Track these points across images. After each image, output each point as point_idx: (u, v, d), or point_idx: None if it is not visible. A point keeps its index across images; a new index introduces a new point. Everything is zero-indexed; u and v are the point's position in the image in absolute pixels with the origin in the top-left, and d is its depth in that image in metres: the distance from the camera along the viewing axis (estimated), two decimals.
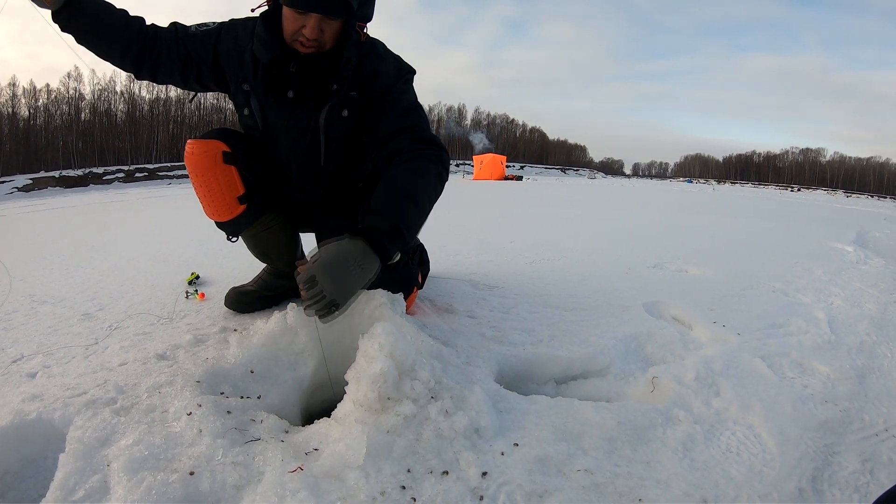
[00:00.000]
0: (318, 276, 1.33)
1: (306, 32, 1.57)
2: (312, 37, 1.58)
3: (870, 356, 1.91)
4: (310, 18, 1.55)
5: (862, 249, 4.58)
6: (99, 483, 1.03)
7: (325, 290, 1.32)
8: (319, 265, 1.34)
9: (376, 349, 1.22)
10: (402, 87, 1.76)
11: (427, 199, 1.58)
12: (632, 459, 1.19)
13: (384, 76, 1.73)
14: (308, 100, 1.73)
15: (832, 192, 63.83)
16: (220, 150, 1.73)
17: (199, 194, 1.79)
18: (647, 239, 4.65)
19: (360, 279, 1.37)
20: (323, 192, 1.92)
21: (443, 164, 1.67)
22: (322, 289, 1.32)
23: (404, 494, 1.01)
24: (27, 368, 1.59)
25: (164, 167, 50.16)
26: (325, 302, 1.33)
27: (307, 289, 1.34)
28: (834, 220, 8.45)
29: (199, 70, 1.79)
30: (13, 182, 39.88)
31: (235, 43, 1.76)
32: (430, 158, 1.63)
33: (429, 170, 1.61)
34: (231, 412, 1.26)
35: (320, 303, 1.33)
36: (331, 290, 1.32)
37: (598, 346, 1.78)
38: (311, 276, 1.34)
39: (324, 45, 1.62)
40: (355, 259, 1.37)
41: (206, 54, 1.77)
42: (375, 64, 1.73)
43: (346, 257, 1.36)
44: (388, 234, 1.43)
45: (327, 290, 1.32)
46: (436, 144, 1.69)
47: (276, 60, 1.68)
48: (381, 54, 1.77)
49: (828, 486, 1.16)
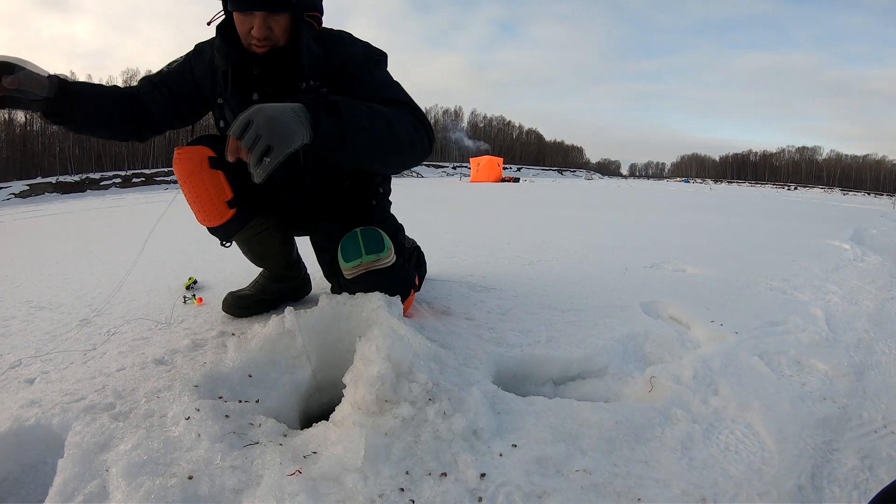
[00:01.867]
0: (253, 117, 1.22)
1: (255, 31, 1.57)
2: (261, 35, 1.58)
3: (868, 353, 1.91)
4: (254, 17, 1.56)
5: (859, 247, 4.59)
6: (98, 488, 1.03)
7: (260, 131, 1.21)
8: (254, 108, 1.24)
9: (374, 352, 1.22)
10: (373, 67, 1.73)
11: (386, 122, 1.45)
12: (630, 459, 1.19)
13: (353, 62, 1.71)
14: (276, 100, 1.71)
15: (829, 191, 63.98)
16: (205, 155, 1.74)
17: (189, 201, 1.80)
18: (645, 239, 4.65)
19: (296, 128, 1.26)
20: (309, 193, 1.92)
21: (424, 126, 1.58)
22: (257, 131, 1.21)
23: (403, 496, 1.01)
24: (25, 374, 1.58)
25: (161, 172, 50.09)
26: (261, 145, 1.22)
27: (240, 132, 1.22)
28: (831, 218, 8.47)
29: (187, 98, 1.83)
30: (10, 188, 39.80)
31: (205, 63, 1.79)
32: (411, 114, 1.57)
33: (404, 117, 1.53)
34: (229, 416, 1.26)
35: (256, 146, 1.22)
36: (267, 130, 1.21)
37: (595, 346, 1.78)
38: (245, 120, 1.23)
39: (277, 41, 1.62)
40: (292, 108, 1.28)
41: (186, 81, 1.81)
42: (342, 53, 1.72)
43: (283, 106, 1.28)
44: (325, 105, 1.34)
45: (263, 131, 1.21)
46: (421, 113, 1.62)
47: (238, 66, 1.69)
48: (349, 42, 1.76)
49: (827, 484, 1.16)
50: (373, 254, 1.70)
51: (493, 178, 26.66)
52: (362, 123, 1.39)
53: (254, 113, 1.23)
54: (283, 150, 1.24)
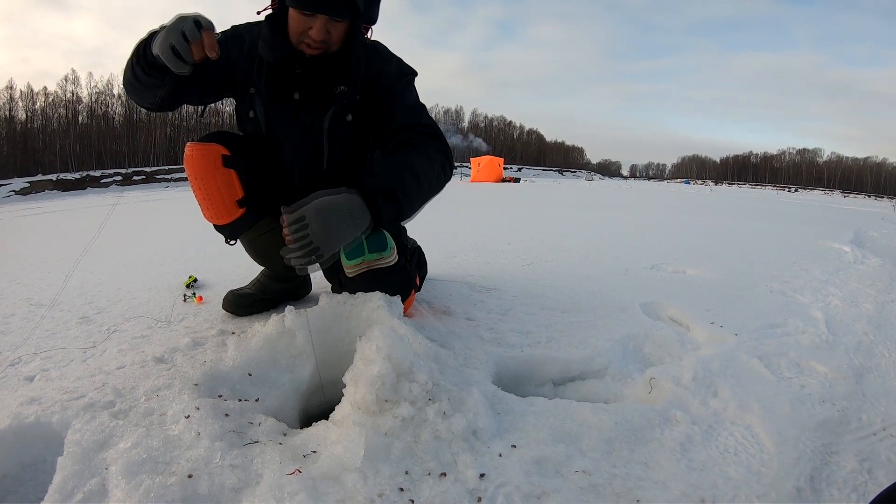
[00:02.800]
0: (308, 218, 1.26)
1: (312, 34, 1.56)
2: (319, 38, 1.56)
3: (867, 356, 1.91)
4: (316, 20, 1.54)
5: (859, 249, 4.59)
6: (97, 486, 1.03)
7: (312, 235, 1.25)
8: (312, 207, 1.28)
9: (374, 352, 1.22)
10: (405, 87, 1.76)
11: (428, 181, 1.55)
12: (630, 460, 1.19)
13: (387, 76, 1.73)
14: (312, 103, 1.72)
15: (829, 193, 63.98)
16: (219, 153, 1.74)
17: (198, 197, 1.79)
18: (645, 240, 4.65)
19: (350, 232, 1.31)
20: None
21: (448, 160, 1.68)
22: (309, 232, 1.25)
23: (402, 496, 1.01)
24: (25, 372, 1.58)
25: (161, 170, 50.04)
26: (310, 248, 1.26)
27: (294, 230, 1.26)
28: (831, 221, 8.47)
29: (215, 81, 1.77)
30: (10, 185, 39.77)
31: (241, 47, 1.76)
32: (440, 150, 1.64)
33: (435, 158, 1.61)
34: (229, 415, 1.26)
35: (305, 248, 1.26)
36: (319, 235, 1.25)
37: (595, 347, 1.78)
38: (300, 217, 1.26)
39: (330, 46, 1.61)
40: (349, 209, 1.32)
41: (219, 64, 1.75)
42: (378, 65, 1.73)
43: (339, 206, 1.31)
44: (384, 194, 1.39)
45: (315, 235, 1.25)
46: (443, 140, 1.70)
47: (282, 62, 1.67)
48: (384, 55, 1.78)
49: (826, 486, 1.16)
50: (375, 252, 1.70)
51: (493, 178, 26.65)
52: (414, 196, 1.51)
53: (310, 213, 1.27)
54: (330, 255, 1.31)
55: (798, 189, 73.07)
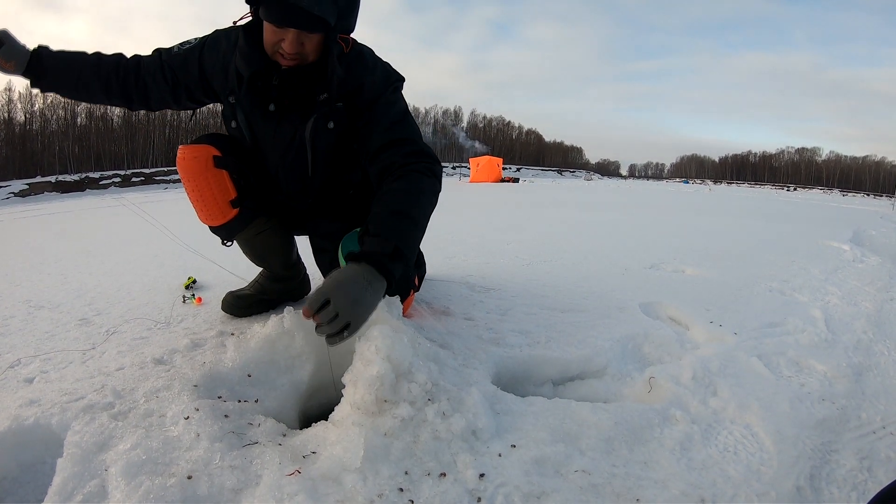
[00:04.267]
0: (331, 296, 1.25)
1: (285, 46, 1.54)
2: (292, 51, 1.55)
3: (867, 354, 1.91)
4: (288, 33, 1.52)
5: (858, 248, 4.59)
6: (97, 488, 1.03)
7: (339, 310, 1.24)
8: (332, 285, 1.27)
9: (373, 352, 1.22)
10: (391, 98, 1.73)
11: (423, 216, 1.57)
12: (629, 460, 1.19)
13: (371, 87, 1.70)
14: (292, 112, 1.71)
15: (828, 192, 64.00)
16: (210, 154, 1.74)
17: (191, 199, 1.79)
18: (644, 239, 4.65)
19: (373, 300, 1.32)
20: (313, 201, 1.91)
21: (436, 176, 1.65)
22: (336, 309, 1.24)
23: (402, 497, 1.02)
24: (24, 373, 1.58)
25: (160, 171, 49.99)
26: (339, 323, 1.25)
27: (323, 314, 1.25)
28: (830, 219, 8.47)
29: (188, 87, 1.78)
30: (9, 187, 39.71)
31: (219, 55, 1.74)
32: (424, 172, 1.61)
33: (423, 184, 1.59)
34: (228, 416, 1.26)
35: (334, 324, 1.24)
36: (346, 310, 1.25)
37: (594, 347, 1.78)
38: (323, 298, 1.25)
39: (306, 57, 1.59)
40: (365, 278, 1.32)
41: (192, 70, 1.76)
42: (362, 75, 1.70)
43: (355, 278, 1.31)
44: (390, 256, 1.39)
45: (342, 310, 1.24)
46: (428, 156, 1.66)
47: (258, 73, 1.66)
48: (368, 64, 1.74)
49: (825, 485, 1.16)
50: None
51: (492, 178, 26.65)
52: (417, 240, 1.54)
53: (332, 292, 1.26)
54: (361, 324, 1.30)
55: (797, 188, 73.10)
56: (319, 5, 1.44)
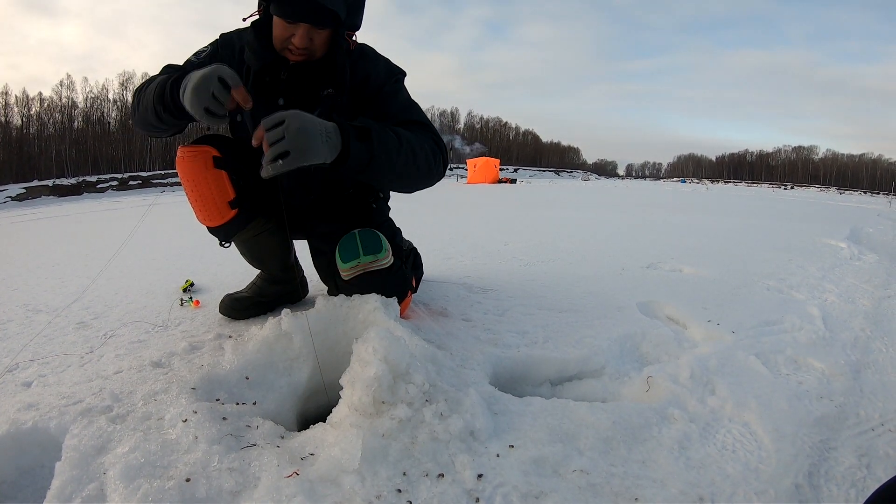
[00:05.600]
0: (287, 118, 1.27)
1: (295, 41, 1.58)
2: (301, 45, 1.58)
3: (864, 351, 1.92)
4: (298, 28, 1.55)
5: (855, 245, 4.60)
6: (95, 491, 1.02)
7: (287, 134, 1.26)
8: (293, 112, 1.29)
9: (370, 353, 1.22)
10: (395, 87, 1.78)
11: (410, 149, 1.54)
12: (628, 459, 1.19)
13: (375, 78, 1.75)
14: (298, 106, 1.72)
15: (825, 190, 64.08)
16: (210, 154, 1.74)
17: (190, 199, 1.79)
18: (641, 239, 4.66)
19: (321, 146, 1.31)
20: (313, 198, 1.92)
21: (441, 150, 1.68)
22: (284, 132, 1.26)
23: (400, 498, 1.01)
24: (22, 378, 1.58)
25: (157, 175, 50.00)
26: (280, 147, 1.26)
27: (270, 127, 1.27)
28: (827, 217, 8.49)
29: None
30: (6, 191, 39.68)
31: (231, 53, 1.78)
32: (431, 139, 1.64)
33: (426, 142, 1.61)
34: (227, 418, 1.26)
35: (276, 146, 1.26)
36: (293, 136, 1.26)
37: (592, 346, 1.78)
38: (279, 119, 1.27)
39: (314, 53, 1.63)
40: (325, 127, 1.33)
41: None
42: (366, 68, 1.74)
43: (318, 122, 1.32)
44: (358, 131, 1.39)
45: (289, 136, 1.26)
46: (438, 136, 1.71)
47: (267, 68, 1.69)
48: (371, 58, 1.79)
49: (824, 482, 1.17)
50: (370, 254, 1.70)
51: (489, 179, 26.66)
52: (389, 150, 1.48)
53: (290, 116, 1.28)
54: (297, 160, 1.28)
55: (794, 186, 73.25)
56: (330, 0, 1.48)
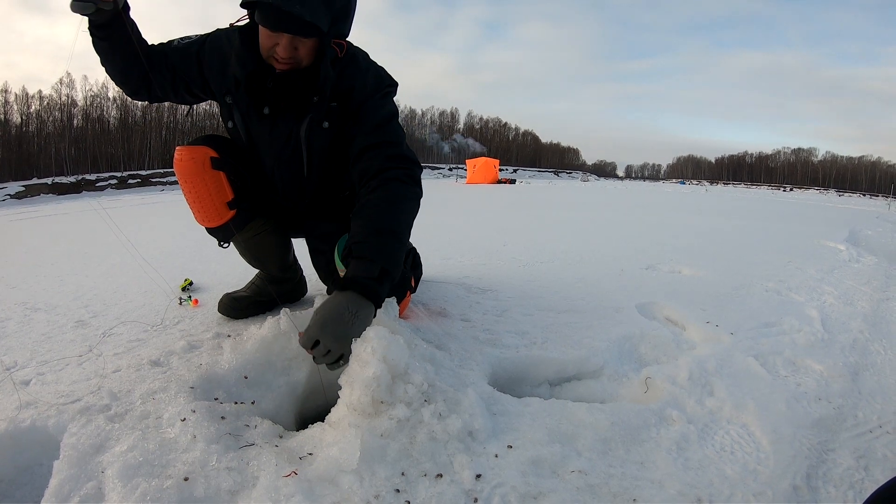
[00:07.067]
0: (319, 337, 1.33)
1: (279, 51, 1.56)
2: (285, 55, 1.56)
3: (863, 353, 1.92)
4: (282, 37, 1.54)
5: (854, 248, 4.61)
6: (94, 490, 1.03)
7: (329, 348, 1.32)
8: (317, 327, 1.34)
9: (369, 353, 1.22)
10: (379, 101, 1.74)
11: (406, 227, 1.58)
12: (626, 460, 1.19)
13: (361, 89, 1.71)
14: (288, 113, 1.72)
15: (824, 192, 64.14)
16: (208, 155, 1.74)
17: (188, 200, 1.79)
18: (641, 240, 4.66)
19: (360, 328, 1.35)
20: (309, 201, 1.91)
21: (415, 181, 1.67)
22: (327, 347, 1.32)
23: (398, 498, 1.02)
24: (21, 376, 1.58)
25: (157, 173, 49.86)
26: (333, 357, 1.33)
27: (314, 350, 1.34)
28: (826, 219, 8.50)
29: (186, 81, 1.79)
30: (6, 189, 39.57)
31: (219, 54, 1.75)
32: (402, 179, 1.62)
33: (403, 193, 1.60)
34: (225, 418, 1.26)
35: (329, 359, 1.33)
36: (335, 347, 1.32)
37: (591, 347, 1.78)
38: (313, 339, 1.34)
39: (300, 62, 1.60)
40: (350, 310, 1.36)
41: (189, 64, 1.77)
42: (353, 77, 1.71)
43: (340, 312, 1.36)
44: (377, 280, 1.43)
45: (332, 347, 1.32)
46: (408, 160, 1.68)
47: (252, 76, 1.67)
48: (361, 67, 1.75)
49: (822, 484, 1.17)
50: None
51: (489, 179, 26.64)
52: (402, 254, 1.55)
53: (320, 334, 1.33)
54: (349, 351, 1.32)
55: (793, 188, 73.28)
56: (312, 12, 1.46)
